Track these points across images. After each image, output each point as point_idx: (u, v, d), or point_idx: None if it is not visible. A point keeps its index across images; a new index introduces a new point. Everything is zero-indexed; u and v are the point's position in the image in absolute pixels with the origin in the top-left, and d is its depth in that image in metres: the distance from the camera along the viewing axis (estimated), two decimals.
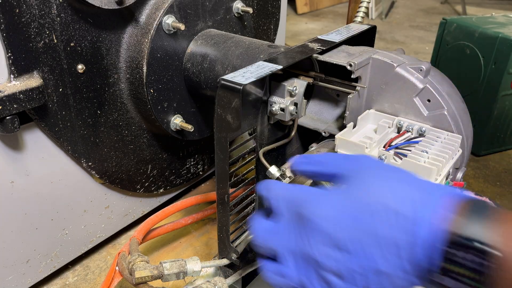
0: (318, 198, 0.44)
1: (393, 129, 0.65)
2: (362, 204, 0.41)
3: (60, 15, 0.64)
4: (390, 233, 0.40)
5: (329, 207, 0.43)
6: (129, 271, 0.62)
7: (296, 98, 0.61)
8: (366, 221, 0.41)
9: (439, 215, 0.38)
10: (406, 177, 0.43)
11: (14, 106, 0.60)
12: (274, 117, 0.63)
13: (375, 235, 0.40)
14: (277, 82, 0.61)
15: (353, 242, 0.41)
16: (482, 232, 0.37)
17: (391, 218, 0.40)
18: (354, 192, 0.42)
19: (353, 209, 0.42)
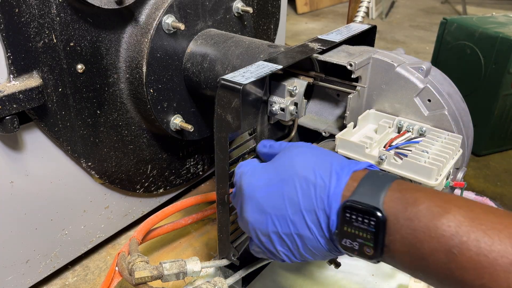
0: (250, 170, 0.52)
1: (394, 129, 0.65)
2: (280, 173, 0.49)
3: (60, 15, 0.64)
4: (305, 200, 0.46)
5: (255, 177, 0.51)
6: (129, 272, 0.62)
7: (296, 98, 0.61)
8: (282, 187, 0.48)
9: (341, 183, 0.45)
10: (320, 152, 0.49)
11: (13, 106, 0.60)
12: (274, 117, 0.63)
13: (292, 201, 0.47)
14: (277, 82, 0.61)
15: (274, 207, 0.48)
16: (369, 197, 0.42)
17: (304, 186, 0.46)
18: (275, 164, 0.50)
19: (273, 178, 0.49)
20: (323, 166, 0.47)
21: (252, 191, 0.51)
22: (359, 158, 0.59)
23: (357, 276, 0.78)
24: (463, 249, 0.37)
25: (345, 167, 0.46)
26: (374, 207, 0.41)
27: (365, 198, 0.42)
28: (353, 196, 0.43)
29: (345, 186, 0.45)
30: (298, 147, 0.51)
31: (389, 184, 0.43)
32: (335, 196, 0.44)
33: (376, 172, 0.46)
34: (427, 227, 0.39)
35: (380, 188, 0.43)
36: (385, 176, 0.45)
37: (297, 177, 0.47)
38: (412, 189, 0.42)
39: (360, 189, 0.43)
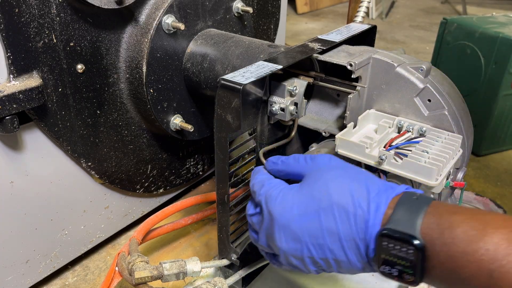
0: (280, 196, 0.50)
1: (394, 129, 0.65)
2: (317, 201, 0.47)
3: (60, 15, 0.64)
4: (344, 230, 0.45)
5: (288, 205, 0.49)
6: (129, 272, 0.62)
7: (296, 98, 0.61)
8: (320, 217, 0.47)
9: (379, 212, 0.44)
10: (355, 176, 0.48)
11: (13, 106, 0.60)
12: (274, 117, 0.63)
13: (330, 231, 0.46)
14: (277, 82, 0.61)
15: (311, 236, 0.47)
16: (405, 224, 0.42)
17: (342, 216, 0.45)
18: (310, 191, 0.48)
19: (309, 207, 0.48)
20: (361, 193, 0.46)
21: (287, 221, 0.49)
22: (359, 158, 0.59)
23: (357, 276, 0.78)
24: (503, 273, 0.36)
25: (382, 194, 0.45)
26: (410, 235, 0.41)
27: (401, 226, 0.42)
28: (390, 224, 0.42)
29: (383, 215, 0.44)
30: (332, 169, 0.50)
31: (425, 208, 0.42)
32: (374, 226, 0.44)
33: (411, 195, 0.45)
34: (465, 252, 0.38)
35: (416, 213, 0.42)
36: (420, 199, 0.44)
37: (336, 206, 0.46)
38: (449, 212, 0.41)
39: (396, 216, 0.43)
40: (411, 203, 0.43)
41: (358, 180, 0.47)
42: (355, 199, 0.45)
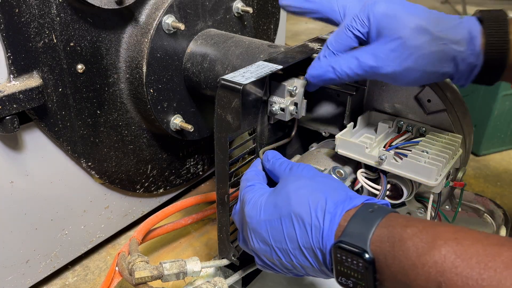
0: (252, 201, 0.53)
1: (393, 129, 0.65)
2: (279, 209, 0.50)
3: (60, 15, 0.64)
4: (302, 238, 0.47)
5: (256, 210, 0.52)
6: (129, 272, 0.62)
7: (296, 98, 0.61)
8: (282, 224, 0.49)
9: (333, 223, 0.45)
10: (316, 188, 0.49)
11: (13, 106, 0.60)
12: (274, 117, 0.63)
13: (291, 238, 0.48)
14: (277, 82, 0.61)
15: (276, 241, 0.50)
16: (357, 237, 0.43)
17: (301, 225, 0.47)
18: (274, 200, 0.51)
19: (273, 214, 0.50)
20: (318, 204, 0.47)
21: (256, 224, 0.52)
22: (359, 158, 0.59)
23: None
24: (450, 286, 0.36)
25: (338, 206, 0.46)
26: (361, 248, 0.42)
27: (353, 239, 0.43)
28: (343, 236, 0.43)
29: (337, 227, 0.45)
30: (298, 179, 0.51)
31: (377, 222, 0.43)
32: (328, 237, 0.45)
33: (368, 207, 0.45)
34: (414, 265, 0.39)
35: (368, 227, 0.43)
36: (376, 212, 0.44)
37: (294, 215, 0.48)
38: (401, 225, 0.42)
39: (349, 229, 0.44)
40: (365, 216, 0.44)
41: (319, 191, 0.48)
42: (312, 209, 0.47)
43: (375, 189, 0.60)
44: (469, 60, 0.52)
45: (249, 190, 0.55)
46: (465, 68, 0.52)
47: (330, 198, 0.47)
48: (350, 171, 0.63)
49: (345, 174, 0.61)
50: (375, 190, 0.60)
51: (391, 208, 0.47)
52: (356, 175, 0.61)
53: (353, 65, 0.54)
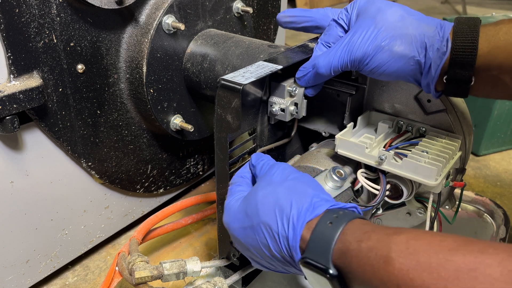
0: (227, 207, 0.54)
1: (393, 129, 0.65)
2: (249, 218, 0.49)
3: (60, 15, 0.64)
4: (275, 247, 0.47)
5: (231, 217, 0.52)
6: (129, 271, 0.62)
7: (296, 98, 0.61)
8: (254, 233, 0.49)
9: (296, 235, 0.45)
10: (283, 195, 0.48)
11: (13, 106, 0.60)
12: (275, 118, 0.63)
13: (265, 246, 0.48)
14: (276, 83, 0.61)
15: (253, 247, 0.50)
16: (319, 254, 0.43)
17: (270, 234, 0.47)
18: (245, 208, 0.51)
19: (245, 222, 0.50)
20: (284, 214, 0.46)
21: (232, 230, 0.52)
22: (359, 158, 0.59)
23: None
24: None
25: (300, 217, 0.46)
26: (324, 265, 0.42)
27: (316, 255, 0.43)
28: (307, 252, 0.43)
29: (300, 238, 0.45)
30: (264, 187, 0.50)
31: (336, 236, 0.43)
32: (294, 248, 0.45)
33: (327, 218, 0.44)
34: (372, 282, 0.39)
35: (328, 242, 0.43)
36: (335, 223, 0.44)
37: (263, 225, 0.48)
38: (356, 239, 0.41)
39: (311, 244, 0.43)
40: (325, 230, 0.43)
41: (284, 199, 0.47)
42: (279, 218, 0.46)
43: (375, 189, 0.60)
44: (437, 45, 0.51)
45: (229, 195, 0.55)
46: (434, 56, 0.52)
47: (294, 207, 0.46)
48: (350, 171, 0.63)
49: (345, 174, 0.61)
50: (375, 190, 0.60)
51: (355, 213, 0.46)
52: (356, 175, 0.61)
53: (332, 59, 0.56)
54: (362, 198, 0.64)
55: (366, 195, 0.64)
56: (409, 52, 0.53)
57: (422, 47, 0.52)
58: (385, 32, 0.53)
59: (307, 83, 0.60)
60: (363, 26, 0.55)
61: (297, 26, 0.66)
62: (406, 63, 0.53)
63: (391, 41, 0.53)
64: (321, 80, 0.60)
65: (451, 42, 0.51)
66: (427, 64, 0.52)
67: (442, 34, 0.52)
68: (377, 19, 0.54)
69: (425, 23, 0.53)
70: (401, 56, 0.53)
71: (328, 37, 0.60)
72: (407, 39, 0.53)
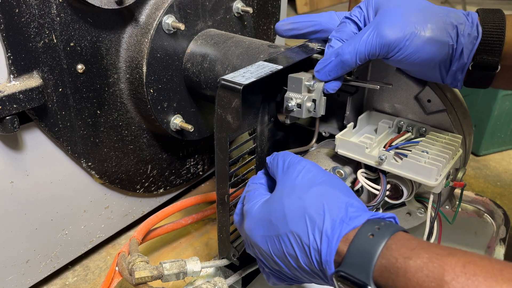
0: (248, 211, 0.51)
1: (394, 129, 0.65)
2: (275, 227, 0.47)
3: (60, 15, 0.64)
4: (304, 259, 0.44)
5: (253, 223, 0.50)
6: (129, 272, 0.62)
7: (314, 95, 0.58)
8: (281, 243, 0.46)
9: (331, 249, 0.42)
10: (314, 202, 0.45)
11: (13, 106, 0.60)
12: (291, 116, 0.60)
13: (292, 257, 0.46)
14: (293, 77, 0.58)
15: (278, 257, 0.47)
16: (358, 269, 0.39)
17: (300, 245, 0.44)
18: (269, 215, 0.48)
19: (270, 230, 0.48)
20: (316, 225, 0.43)
21: (254, 238, 0.49)
22: (359, 158, 0.59)
23: None
24: None
25: (336, 229, 0.42)
26: (363, 282, 0.39)
27: (354, 270, 0.39)
28: (343, 266, 0.40)
29: (336, 252, 0.42)
30: (290, 194, 0.47)
31: (379, 250, 0.39)
32: (327, 263, 0.42)
33: (368, 229, 0.41)
34: None
35: (369, 257, 0.39)
36: (377, 236, 0.40)
37: (292, 235, 0.45)
38: (404, 256, 0.38)
39: (349, 259, 0.40)
40: (366, 243, 0.40)
41: (317, 207, 0.44)
42: (310, 229, 0.43)
43: (375, 189, 0.60)
44: (468, 30, 0.51)
45: (247, 201, 0.53)
46: (466, 41, 0.51)
47: (327, 217, 0.43)
48: (350, 171, 0.63)
49: (345, 174, 0.61)
50: (375, 190, 0.60)
51: (397, 225, 0.43)
52: (356, 175, 0.61)
53: (358, 45, 0.53)
54: (362, 198, 0.64)
55: (366, 195, 0.64)
56: (442, 37, 0.51)
57: (454, 32, 0.51)
58: (416, 18, 0.51)
59: (327, 76, 0.56)
60: (390, 13, 0.52)
61: (300, 32, 0.63)
62: (439, 49, 0.52)
63: (424, 27, 0.51)
64: (344, 70, 0.56)
65: (481, 27, 0.51)
66: (458, 49, 0.52)
67: (471, 20, 0.52)
68: (405, 6, 0.52)
69: (451, 11, 0.53)
70: (435, 41, 0.51)
71: (341, 33, 0.57)
72: (439, 25, 0.51)
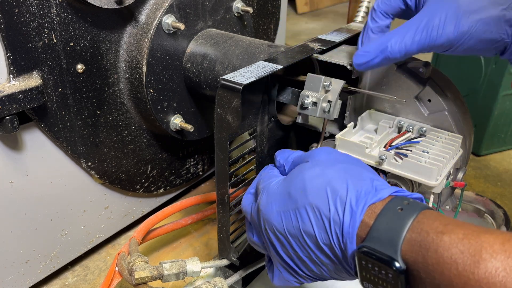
0: (265, 187, 0.49)
1: (394, 129, 0.65)
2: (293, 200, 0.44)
3: (60, 15, 0.64)
4: (321, 234, 0.42)
5: (269, 199, 0.47)
6: (129, 272, 0.62)
7: (331, 96, 0.58)
8: (297, 218, 0.44)
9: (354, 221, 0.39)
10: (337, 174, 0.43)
11: (13, 106, 0.60)
12: (303, 113, 0.60)
13: (309, 234, 0.43)
14: (312, 75, 0.58)
15: (292, 236, 0.44)
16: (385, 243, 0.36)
17: (318, 218, 0.42)
18: (288, 188, 0.45)
19: (287, 204, 0.45)
20: (338, 196, 0.41)
21: (269, 216, 0.46)
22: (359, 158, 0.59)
23: None
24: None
25: (361, 199, 0.40)
26: (390, 257, 0.36)
27: (381, 245, 0.36)
28: (368, 240, 0.37)
29: (360, 224, 0.39)
30: (311, 167, 0.45)
31: (409, 223, 0.37)
32: (349, 236, 0.39)
33: (396, 203, 0.39)
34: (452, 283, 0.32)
35: (398, 230, 0.36)
36: (406, 210, 0.38)
37: (310, 207, 0.42)
38: (436, 231, 0.35)
39: (375, 232, 0.37)
40: (394, 216, 0.38)
41: (339, 180, 0.42)
42: (331, 201, 0.41)
43: None
44: None
45: (264, 179, 0.50)
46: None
47: (351, 188, 0.40)
48: None
49: None
50: None
51: (424, 203, 0.40)
52: None
53: (408, 43, 0.50)
54: None
55: None
56: (497, 35, 0.50)
57: (508, 27, 0.50)
58: (469, 15, 0.49)
59: (368, 68, 0.55)
60: (441, 7, 0.49)
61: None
62: (493, 45, 0.51)
63: (478, 26, 0.49)
64: (387, 64, 0.54)
65: None
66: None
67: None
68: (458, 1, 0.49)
69: (497, 2, 0.50)
70: (489, 40, 0.50)
71: (387, 7, 0.55)
72: (494, 21, 0.49)
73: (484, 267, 0.31)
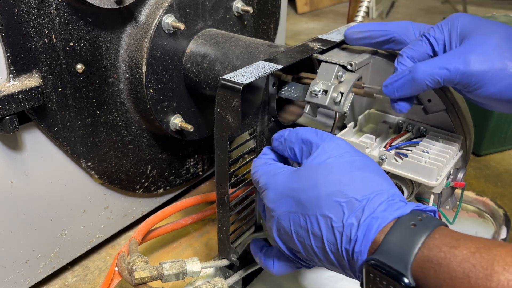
0: (270, 184, 0.48)
1: (394, 129, 0.65)
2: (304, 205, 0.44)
3: (59, 15, 0.64)
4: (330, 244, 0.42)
5: (276, 197, 0.47)
6: (129, 272, 0.62)
7: (343, 88, 0.57)
8: (307, 222, 0.43)
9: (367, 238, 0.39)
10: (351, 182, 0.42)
11: (13, 106, 0.60)
12: (311, 102, 0.58)
13: (317, 239, 0.43)
14: (326, 63, 0.57)
15: (300, 236, 0.45)
16: (396, 258, 0.36)
17: (330, 228, 0.42)
18: (296, 187, 0.45)
19: (297, 206, 0.44)
20: (353, 213, 0.40)
21: (276, 211, 0.47)
22: None
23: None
24: None
25: (376, 219, 0.39)
26: (399, 272, 0.36)
27: (391, 259, 0.36)
28: (378, 254, 0.37)
29: (373, 240, 0.39)
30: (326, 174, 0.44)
31: (422, 241, 0.37)
32: (360, 251, 0.39)
33: (409, 219, 0.39)
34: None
35: (410, 247, 0.36)
36: (419, 227, 0.38)
37: (323, 218, 0.42)
38: (448, 245, 0.35)
39: (385, 246, 0.37)
40: (407, 232, 0.37)
41: (357, 193, 0.41)
42: (346, 217, 0.41)
43: None
44: None
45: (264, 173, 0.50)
46: None
47: (368, 207, 0.40)
48: None
49: None
50: None
51: (439, 219, 0.40)
52: None
53: (435, 66, 0.48)
54: None
55: None
56: None
57: None
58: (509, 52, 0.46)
59: (395, 92, 0.52)
60: (481, 42, 0.47)
61: (372, 41, 0.59)
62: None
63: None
64: (414, 90, 0.51)
65: None
66: None
67: None
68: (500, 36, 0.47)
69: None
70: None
71: (414, 52, 0.53)
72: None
73: (497, 279, 0.32)
